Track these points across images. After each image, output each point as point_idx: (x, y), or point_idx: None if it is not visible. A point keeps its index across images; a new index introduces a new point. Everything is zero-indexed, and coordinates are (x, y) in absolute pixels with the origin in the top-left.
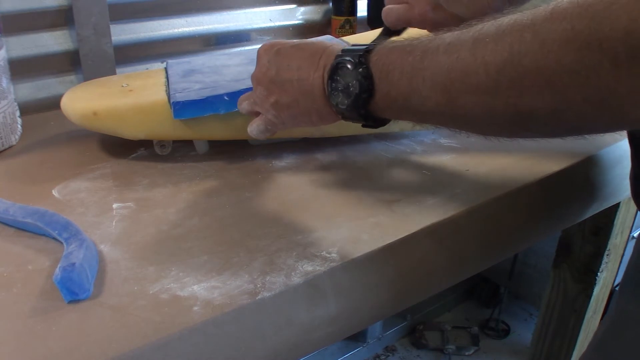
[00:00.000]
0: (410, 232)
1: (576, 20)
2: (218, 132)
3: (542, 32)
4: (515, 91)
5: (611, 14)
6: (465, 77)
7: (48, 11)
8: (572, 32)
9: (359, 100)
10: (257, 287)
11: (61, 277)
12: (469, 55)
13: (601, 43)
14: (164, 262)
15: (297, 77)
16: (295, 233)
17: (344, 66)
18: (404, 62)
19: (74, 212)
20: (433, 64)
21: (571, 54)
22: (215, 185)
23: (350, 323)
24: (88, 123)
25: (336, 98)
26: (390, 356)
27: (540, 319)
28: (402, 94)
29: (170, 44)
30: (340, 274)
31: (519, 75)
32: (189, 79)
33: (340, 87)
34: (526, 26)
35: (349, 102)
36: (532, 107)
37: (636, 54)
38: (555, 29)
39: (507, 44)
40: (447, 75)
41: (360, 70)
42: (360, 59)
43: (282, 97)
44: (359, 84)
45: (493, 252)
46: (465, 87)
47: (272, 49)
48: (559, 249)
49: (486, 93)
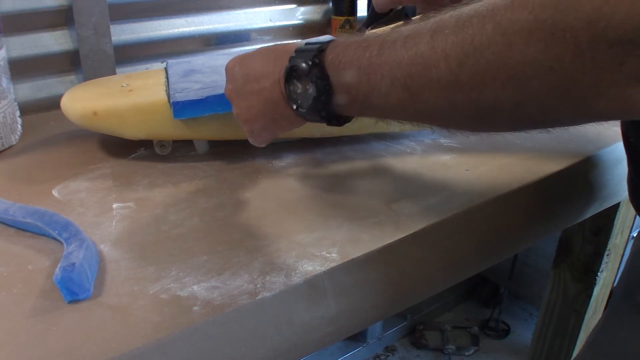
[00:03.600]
0: (410, 232)
1: (539, 10)
2: (218, 132)
3: (503, 23)
4: (478, 84)
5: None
6: (425, 71)
7: (48, 11)
8: (535, 23)
9: (318, 103)
10: (257, 287)
11: (61, 277)
12: (428, 49)
13: (565, 33)
14: (164, 262)
15: (258, 88)
16: (295, 233)
17: (298, 68)
18: (361, 58)
19: (74, 212)
20: (391, 59)
21: (534, 45)
22: (215, 185)
23: (350, 323)
24: (88, 123)
25: (296, 102)
26: (390, 356)
27: (540, 319)
28: (361, 92)
29: (170, 44)
30: (340, 274)
31: (481, 68)
32: (188, 79)
33: (299, 90)
34: (487, 17)
35: (307, 105)
36: (495, 101)
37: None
38: (517, 19)
39: (468, 36)
40: (407, 70)
41: (315, 71)
42: (314, 59)
43: (250, 112)
44: (315, 86)
45: (493, 252)
46: (426, 82)
47: (234, 62)
48: (559, 249)
49: (448, 87)
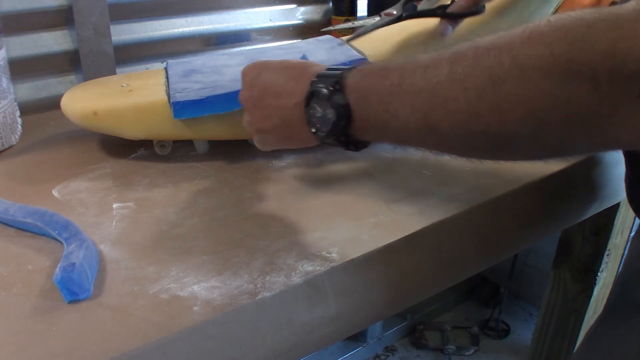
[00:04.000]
0: (410, 232)
1: (555, 45)
2: (218, 132)
3: (520, 58)
4: (496, 117)
5: (590, 38)
6: (444, 102)
7: (48, 11)
8: (552, 58)
9: (337, 128)
10: (257, 287)
11: (61, 277)
12: (447, 81)
13: (581, 68)
14: (164, 262)
15: (277, 105)
16: (295, 233)
17: (319, 93)
18: (381, 86)
19: (74, 212)
20: (411, 89)
21: (551, 79)
22: (215, 185)
23: (350, 323)
24: (88, 123)
25: (314, 125)
26: (390, 356)
27: (540, 319)
28: (380, 119)
29: (170, 44)
30: (340, 274)
31: (499, 101)
32: (189, 79)
33: (318, 114)
34: (504, 50)
35: (327, 129)
36: (513, 132)
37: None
38: (534, 54)
39: (486, 69)
40: (426, 101)
41: (336, 97)
42: (335, 85)
43: (264, 123)
44: (336, 112)
45: (493, 252)
46: (445, 113)
47: (254, 71)
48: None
49: (467, 119)
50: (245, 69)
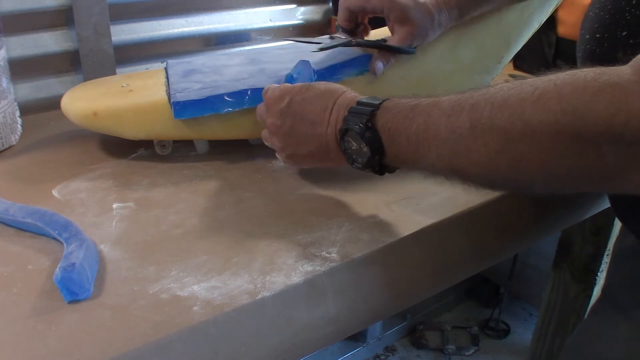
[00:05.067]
0: (410, 232)
1: (560, 115)
2: (218, 132)
3: (532, 122)
4: (513, 170)
5: (592, 109)
6: (467, 153)
7: (48, 11)
8: (558, 126)
9: (373, 161)
10: (257, 287)
11: (61, 277)
12: (469, 135)
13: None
14: (164, 262)
15: (312, 132)
16: (295, 233)
17: (353, 130)
18: (409, 129)
19: (74, 212)
20: (436, 137)
21: (560, 144)
22: (215, 185)
23: (350, 323)
24: (88, 123)
25: (351, 157)
26: (390, 356)
27: (540, 319)
28: (410, 158)
29: (170, 44)
30: (340, 274)
31: (516, 158)
32: (189, 79)
33: (353, 147)
34: (516, 113)
35: (363, 161)
36: (529, 183)
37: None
38: (543, 120)
39: (502, 129)
40: (450, 150)
41: (369, 135)
42: (367, 123)
43: (298, 149)
44: (370, 148)
45: (493, 252)
46: (468, 162)
47: (283, 100)
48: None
49: (487, 169)
50: (270, 95)
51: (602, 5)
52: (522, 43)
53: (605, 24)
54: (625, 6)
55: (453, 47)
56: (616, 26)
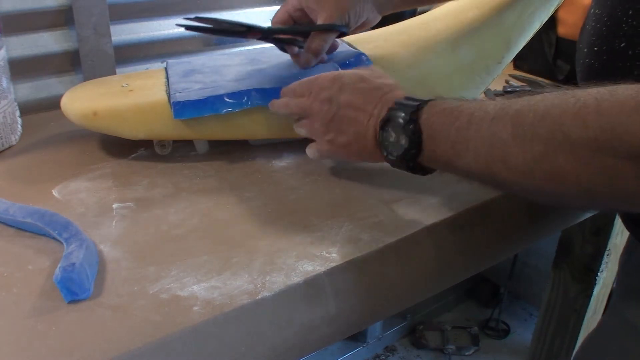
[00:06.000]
0: (410, 232)
1: (599, 131)
2: (218, 132)
3: (571, 136)
4: (548, 181)
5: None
6: (505, 157)
7: (48, 11)
8: (597, 143)
9: (408, 155)
10: (257, 287)
11: (61, 277)
12: (510, 140)
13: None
14: (164, 262)
15: (355, 119)
16: (295, 233)
17: (396, 120)
18: (451, 126)
19: (74, 212)
20: (477, 137)
21: (598, 160)
22: (215, 185)
23: (350, 323)
24: (88, 123)
25: (387, 148)
26: (390, 356)
27: (540, 319)
28: (447, 155)
29: (170, 44)
30: (340, 274)
31: (553, 169)
32: (189, 79)
33: (392, 138)
34: (557, 124)
35: (398, 154)
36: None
37: None
38: (582, 135)
39: (543, 139)
40: (489, 153)
41: (411, 126)
42: (411, 115)
43: (338, 137)
44: (409, 140)
45: (493, 252)
46: (505, 167)
47: (334, 86)
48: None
49: (523, 177)
50: (321, 81)
51: (598, 18)
52: (523, 43)
53: (603, 36)
54: (621, 17)
55: (453, 47)
56: (614, 38)
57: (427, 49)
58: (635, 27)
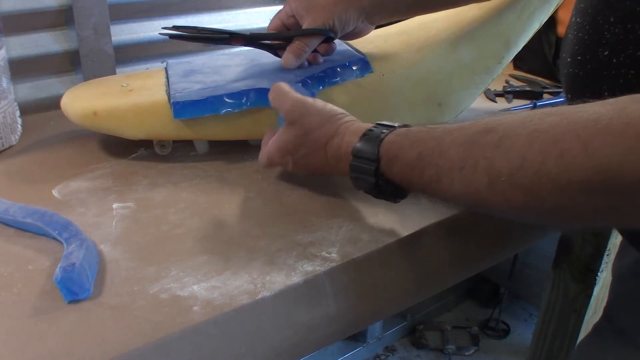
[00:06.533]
0: (411, 232)
1: (592, 173)
2: (218, 132)
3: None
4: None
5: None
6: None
7: (48, 11)
8: (590, 184)
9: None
10: (257, 287)
11: (61, 277)
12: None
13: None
14: (164, 262)
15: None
16: (295, 233)
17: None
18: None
19: (74, 212)
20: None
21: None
22: (215, 185)
23: (350, 323)
24: (88, 123)
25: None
26: (390, 356)
27: (540, 319)
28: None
29: (170, 44)
30: (340, 274)
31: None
32: (189, 79)
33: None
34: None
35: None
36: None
37: None
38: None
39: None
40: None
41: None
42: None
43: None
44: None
45: (493, 252)
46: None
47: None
48: (559, 249)
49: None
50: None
51: (580, 26)
52: (523, 43)
53: (585, 45)
54: (603, 25)
55: (453, 47)
56: (597, 46)
57: (427, 49)
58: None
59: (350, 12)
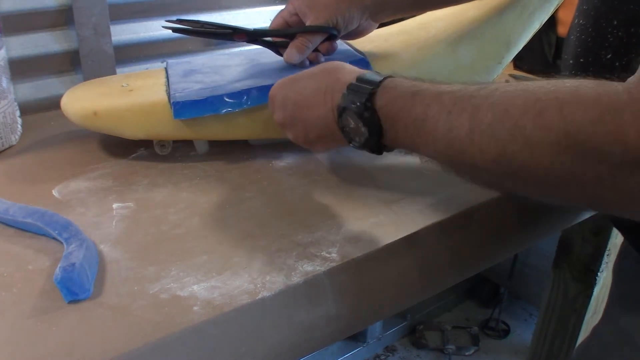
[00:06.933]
0: (410, 232)
1: (562, 136)
2: (218, 132)
3: (533, 139)
4: (510, 180)
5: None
6: (462, 156)
7: (48, 11)
8: (559, 147)
9: (371, 141)
10: (257, 287)
11: (61, 277)
12: (466, 138)
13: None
14: (164, 262)
15: (314, 116)
16: (295, 233)
17: (351, 108)
18: (408, 117)
19: (74, 212)
20: (433, 132)
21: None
22: (215, 185)
23: (350, 323)
24: (88, 123)
25: (349, 136)
26: (390, 356)
27: (540, 319)
28: (407, 145)
29: (170, 44)
30: (340, 274)
31: (513, 170)
32: (189, 79)
33: (351, 125)
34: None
35: (361, 141)
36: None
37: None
38: (544, 139)
39: (501, 141)
40: (447, 148)
41: (367, 115)
42: (366, 102)
43: (308, 135)
44: (368, 129)
45: (493, 252)
46: (464, 164)
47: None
48: (559, 249)
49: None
50: (272, 91)
51: (583, 29)
52: (523, 43)
53: (588, 48)
54: (606, 27)
55: (453, 47)
56: (599, 49)
57: (427, 49)
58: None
59: (354, 10)
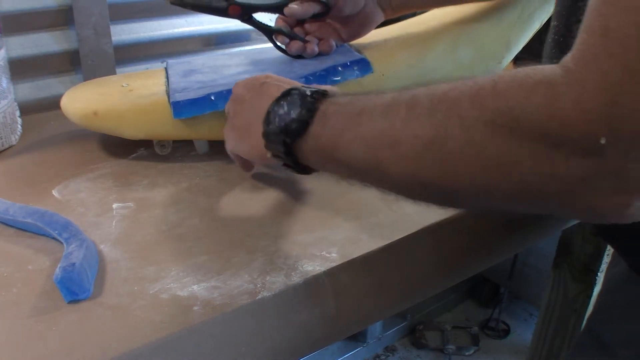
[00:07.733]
0: (410, 232)
1: (496, 114)
2: (218, 132)
3: (467, 120)
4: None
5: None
6: (393, 144)
7: (48, 11)
8: (493, 126)
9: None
10: (257, 287)
11: (61, 277)
12: (401, 124)
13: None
14: (164, 262)
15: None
16: (295, 233)
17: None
18: (342, 113)
19: (74, 212)
20: (368, 123)
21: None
22: (215, 185)
23: (350, 323)
24: (88, 123)
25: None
26: (390, 356)
27: (540, 319)
28: (331, 142)
29: (170, 44)
30: (340, 274)
31: (444, 156)
32: (189, 79)
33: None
34: (454, 106)
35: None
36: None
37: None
38: (479, 117)
39: (436, 124)
40: (378, 138)
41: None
42: (313, 95)
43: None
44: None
45: (493, 252)
46: (393, 154)
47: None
48: (559, 249)
49: (413, 165)
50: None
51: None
52: (523, 43)
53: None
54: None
55: (453, 47)
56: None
57: (427, 49)
58: None
59: None
